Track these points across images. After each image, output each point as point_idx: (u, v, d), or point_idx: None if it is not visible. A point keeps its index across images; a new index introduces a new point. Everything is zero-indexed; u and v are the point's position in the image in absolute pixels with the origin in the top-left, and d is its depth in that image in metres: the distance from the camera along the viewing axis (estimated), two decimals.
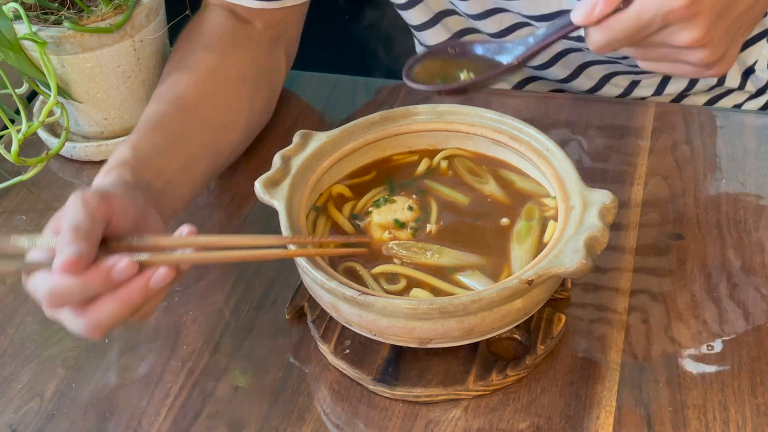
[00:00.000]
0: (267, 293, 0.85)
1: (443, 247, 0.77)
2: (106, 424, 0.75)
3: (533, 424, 0.73)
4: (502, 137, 0.82)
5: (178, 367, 0.79)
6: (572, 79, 1.10)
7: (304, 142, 0.82)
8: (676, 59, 0.69)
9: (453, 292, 0.73)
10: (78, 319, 0.64)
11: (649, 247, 0.86)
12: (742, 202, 0.90)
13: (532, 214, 0.79)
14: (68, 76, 0.96)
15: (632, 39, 0.67)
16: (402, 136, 0.85)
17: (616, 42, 0.67)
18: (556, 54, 1.08)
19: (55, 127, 1.04)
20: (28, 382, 0.79)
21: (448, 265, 0.75)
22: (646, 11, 0.65)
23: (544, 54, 1.03)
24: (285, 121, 1.04)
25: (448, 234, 0.78)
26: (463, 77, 0.73)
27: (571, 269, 0.68)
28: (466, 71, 0.73)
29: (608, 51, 0.68)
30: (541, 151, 0.80)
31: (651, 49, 0.69)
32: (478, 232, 0.78)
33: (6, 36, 0.92)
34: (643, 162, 0.94)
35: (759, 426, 0.71)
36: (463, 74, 0.73)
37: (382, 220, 0.79)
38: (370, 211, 0.80)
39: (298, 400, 0.76)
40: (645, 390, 0.74)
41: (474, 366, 0.75)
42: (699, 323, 0.79)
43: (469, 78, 0.73)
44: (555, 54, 1.08)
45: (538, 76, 1.13)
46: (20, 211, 0.96)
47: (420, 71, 0.75)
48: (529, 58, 0.71)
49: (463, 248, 0.77)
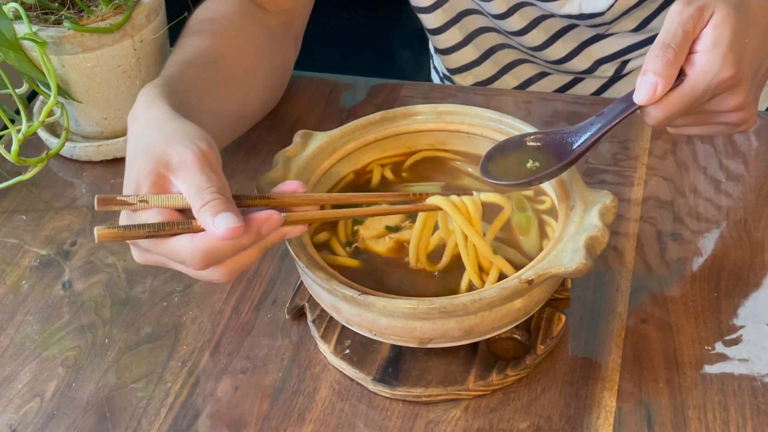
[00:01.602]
0: (267, 293, 0.85)
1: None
2: (106, 424, 0.75)
3: (533, 424, 0.73)
4: (502, 137, 0.82)
5: (178, 367, 0.79)
6: (567, 60, 1.11)
7: (304, 142, 0.82)
8: (714, 122, 0.76)
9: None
10: (217, 270, 0.67)
11: (649, 246, 0.86)
12: (742, 202, 0.90)
13: (523, 204, 0.79)
14: (68, 76, 0.96)
15: (687, 111, 0.73)
16: (402, 136, 0.85)
17: (673, 116, 0.72)
18: (554, 33, 1.09)
19: (55, 127, 1.04)
20: (28, 382, 0.79)
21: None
22: (700, 85, 0.71)
23: (538, 33, 1.06)
24: (285, 121, 1.04)
25: None
26: (529, 166, 0.76)
27: (571, 269, 0.68)
28: (531, 161, 0.76)
29: (665, 125, 0.74)
30: None
31: (693, 116, 0.75)
32: None
33: (6, 36, 0.92)
34: (643, 162, 0.94)
35: (759, 426, 0.71)
36: (529, 164, 0.76)
37: (374, 232, 0.79)
38: (357, 230, 0.79)
39: (298, 400, 0.76)
40: (645, 390, 0.74)
41: (474, 366, 0.75)
42: (699, 323, 0.79)
43: (534, 167, 0.75)
44: (553, 33, 1.09)
45: (531, 59, 1.14)
46: (20, 211, 0.96)
47: (492, 165, 0.77)
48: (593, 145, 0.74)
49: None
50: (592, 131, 0.74)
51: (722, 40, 0.71)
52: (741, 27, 0.72)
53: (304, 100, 1.07)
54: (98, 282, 0.87)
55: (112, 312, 0.85)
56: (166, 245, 0.66)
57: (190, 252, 0.65)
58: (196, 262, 0.65)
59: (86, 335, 0.83)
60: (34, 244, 0.92)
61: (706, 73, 0.71)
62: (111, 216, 0.94)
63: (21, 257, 0.91)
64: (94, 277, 0.88)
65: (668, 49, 0.70)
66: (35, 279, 0.89)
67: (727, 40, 0.71)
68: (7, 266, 0.90)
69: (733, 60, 0.71)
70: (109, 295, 0.86)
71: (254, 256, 0.68)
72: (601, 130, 0.73)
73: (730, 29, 0.71)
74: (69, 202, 0.97)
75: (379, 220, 0.79)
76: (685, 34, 0.71)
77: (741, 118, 0.75)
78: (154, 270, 0.88)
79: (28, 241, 0.93)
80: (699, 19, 0.71)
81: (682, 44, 0.71)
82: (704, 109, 0.74)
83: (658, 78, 0.70)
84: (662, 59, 0.70)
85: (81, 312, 0.85)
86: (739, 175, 0.93)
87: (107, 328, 0.83)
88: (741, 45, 0.72)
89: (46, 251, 0.91)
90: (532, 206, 0.79)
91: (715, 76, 0.71)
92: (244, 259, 0.67)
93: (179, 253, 0.65)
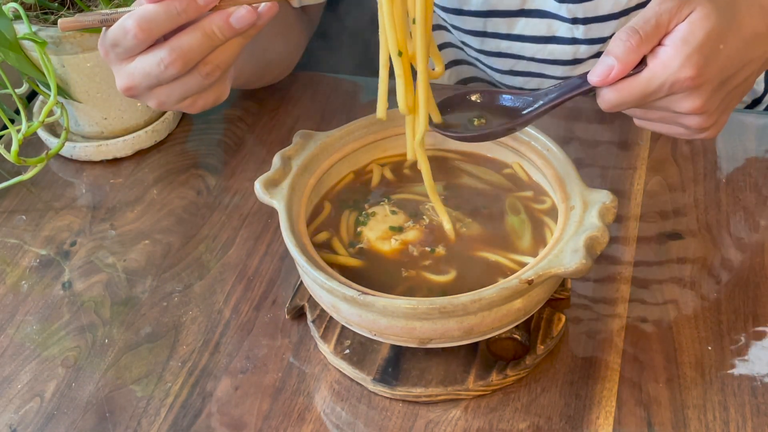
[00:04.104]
0: (267, 293, 0.85)
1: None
2: (106, 424, 0.75)
3: (533, 424, 0.73)
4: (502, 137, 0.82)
5: (178, 367, 0.79)
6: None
7: (304, 142, 0.82)
8: (673, 122, 0.75)
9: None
10: (165, 52, 0.70)
11: (648, 247, 0.86)
12: (742, 202, 0.90)
13: (516, 207, 0.79)
14: (68, 76, 0.96)
15: (640, 102, 0.71)
16: (402, 136, 0.85)
17: (625, 104, 0.72)
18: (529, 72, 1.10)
19: (55, 127, 1.04)
20: (28, 382, 0.79)
21: None
22: (656, 78, 0.70)
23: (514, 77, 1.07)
24: (285, 121, 1.04)
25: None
26: (476, 123, 0.77)
27: (571, 269, 0.68)
28: (478, 118, 0.77)
29: (616, 110, 0.73)
30: (541, 151, 0.80)
31: (652, 110, 0.74)
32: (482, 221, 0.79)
33: (6, 36, 0.92)
34: (643, 162, 0.94)
35: (759, 426, 0.71)
36: (476, 121, 0.77)
37: (378, 233, 0.79)
38: (360, 232, 0.79)
39: (298, 400, 0.76)
40: (645, 390, 0.74)
41: (474, 366, 0.75)
42: (699, 323, 0.79)
43: (481, 124, 0.76)
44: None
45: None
46: (20, 211, 0.96)
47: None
48: (542, 114, 0.74)
49: (487, 240, 0.77)
50: (545, 101, 0.74)
51: (693, 39, 0.69)
52: (718, 31, 0.69)
53: (304, 100, 1.07)
54: (98, 282, 0.87)
55: (112, 312, 0.85)
56: (112, 28, 0.70)
57: (130, 22, 0.68)
58: (134, 28, 0.68)
59: (86, 335, 0.83)
60: (34, 244, 0.92)
61: (665, 67, 0.69)
62: (110, 216, 0.94)
63: (21, 257, 0.91)
64: (94, 277, 0.88)
65: (634, 35, 0.69)
66: (35, 279, 0.89)
67: (698, 40, 0.69)
68: (7, 266, 0.90)
69: (697, 62, 0.69)
70: (109, 295, 0.86)
71: (199, 40, 0.70)
72: (552, 101, 0.74)
73: (704, 30, 0.69)
74: (69, 202, 0.97)
75: (383, 221, 0.79)
76: (657, 25, 0.69)
77: (699, 124, 0.73)
78: (154, 270, 0.88)
79: (28, 241, 0.93)
80: (677, 13, 0.69)
81: (651, 34, 0.69)
82: (660, 105, 0.72)
83: (616, 61, 0.69)
84: (625, 44, 0.69)
85: (81, 312, 0.85)
86: (740, 175, 0.93)
87: (107, 328, 0.83)
88: (712, 49, 0.69)
89: (46, 251, 0.91)
90: (525, 209, 0.79)
91: (674, 73, 0.69)
92: (188, 40, 0.69)
93: (123, 28, 0.69)
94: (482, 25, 1.05)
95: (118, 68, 0.74)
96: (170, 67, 0.70)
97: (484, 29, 1.05)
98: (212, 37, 0.70)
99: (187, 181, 0.98)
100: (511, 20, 1.03)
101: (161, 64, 0.70)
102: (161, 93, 0.74)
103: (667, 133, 0.77)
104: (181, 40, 0.70)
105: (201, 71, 0.72)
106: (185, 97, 0.74)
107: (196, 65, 0.72)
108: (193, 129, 1.05)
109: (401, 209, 0.80)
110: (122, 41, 0.71)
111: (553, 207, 0.79)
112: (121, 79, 0.74)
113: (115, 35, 0.71)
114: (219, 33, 0.70)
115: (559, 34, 1.03)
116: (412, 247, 0.77)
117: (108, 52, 0.73)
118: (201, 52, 0.71)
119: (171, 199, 0.96)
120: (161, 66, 0.70)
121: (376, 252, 0.78)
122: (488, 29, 1.05)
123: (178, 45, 0.70)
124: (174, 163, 1.00)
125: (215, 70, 0.72)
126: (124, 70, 0.73)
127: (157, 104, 0.75)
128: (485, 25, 1.04)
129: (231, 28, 0.70)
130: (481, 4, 1.02)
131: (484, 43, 1.06)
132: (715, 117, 0.74)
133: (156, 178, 0.99)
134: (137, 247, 0.91)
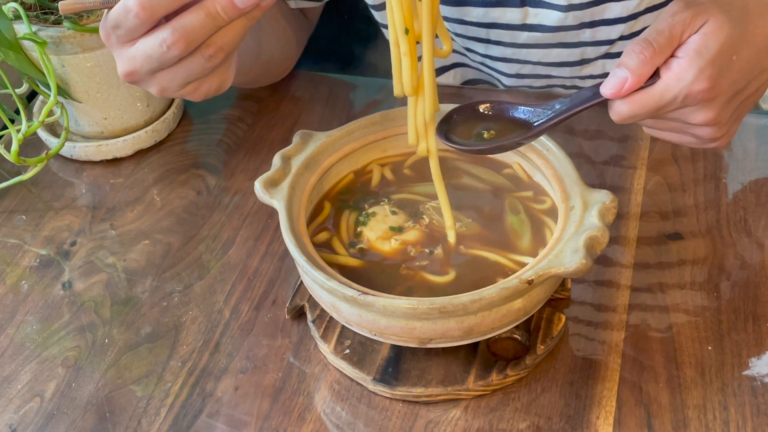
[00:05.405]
0: (267, 293, 0.85)
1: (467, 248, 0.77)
2: (106, 424, 0.75)
3: (533, 424, 0.73)
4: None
5: (178, 367, 0.79)
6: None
7: (304, 142, 0.82)
8: (684, 132, 0.74)
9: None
10: (168, 32, 0.68)
11: (648, 247, 0.86)
12: (742, 202, 0.90)
13: (516, 207, 0.79)
14: (68, 76, 0.96)
15: (653, 114, 0.71)
16: (402, 136, 0.85)
17: (638, 116, 0.71)
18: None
19: (55, 127, 1.04)
20: (28, 382, 0.79)
21: None
22: (670, 91, 0.69)
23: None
24: (285, 121, 1.04)
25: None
26: (486, 136, 0.76)
27: (571, 269, 0.68)
28: (488, 130, 0.76)
29: (629, 122, 0.72)
30: (541, 151, 0.80)
31: (664, 121, 0.74)
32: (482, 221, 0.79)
33: (6, 36, 0.92)
34: (643, 162, 0.94)
35: (759, 426, 0.71)
36: (486, 133, 0.76)
37: (378, 233, 0.79)
38: (360, 231, 0.79)
39: (298, 400, 0.76)
40: (645, 390, 0.74)
41: (474, 366, 0.75)
42: (699, 323, 0.79)
43: (491, 137, 0.75)
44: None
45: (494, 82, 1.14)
46: (20, 211, 0.96)
47: (448, 128, 0.77)
48: (553, 126, 0.73)
49: (487, 240, 0.77)
50: (555, 113, 0.73)
51: (706, 52, 0.68)
52: (731, 42, 0.69)
53: (304, 100, 1.07)
54: (98, 282, 0.88)
55: (112, 312, 0.85)
56: (114, 9, 0.69)
57: (132, 2, 0.67)
58: (136, 6, 0.67)
59: (86, 335, 0.83)
60: (34, 244, 0.92)
61: (679, 80, 0.69)
62: (110, 216, 0.94)
63: (21, 257, 0.91)
64: (94, 277, 0.88)
65: (648, 47, 0.69)
66: (35, 279, 0.89)
67: (712, 52, 0.68)
68: (7, 266, 0.90)
69: (711, 75, 0.68)
70: (109, 295, 0.86)
71: (205, 23, 0.68)
72: (563, 113, 0.73)
73: (718, 42, 0.68)
74: (69, 202, 0.97)
75: (383, 221, 0.79)
76: (670, 36, 0.69)
77: (711, 135, 0.73)
78: (154, 270, 0.88)
79: (28, 241, 0.93)
80: (690, 25, 0.69)
81: (665, 45, 0.69)
82: (673, 116, 0.72)
83: (629, 74, 0.69)
84: (639, 56, 0.69)
85: (81, 312, 0.85)
86: (740, 175, 0.93)
87: (107, 328, 0.83)
88: (725, 61, 0.69)
89: (46, 251, 0.91)
90: (525, 209, 0.79)
91: (688, 86, 0.68)
92: (191, 19, 0.68)
93: (125, 7, 0.67)
94: (485, 34, 1.04)
95: (120, 52, 0.72)
96: (173, 48, 0.69)
97: (488, 38, 1.04)
98: (216, 18, 0.68)
99: (187, 181, 0.98)
100: (514, 32, 1.03)
101: (163, 44, 0.69)
102: (163, 78, 0.72)
103: (678, 142, 0.77)
104: (183, 20, 0.68)
105: (204, 53, 0.70)
106: (188, 81, 0.73)
107: (198, 47, 0.70)
108: (193, 129, 1.05)
109: (401, 209, 0.81)
110: (124, 22, 0.69)
111: (553, 207, 0.79)
112: (123, 63, 0.72)
113: (116, 16, 0.69)
114: (223, 13, 0.68)
115: (565, 40, 1.03)
116: (411, 248, 0.77)
117: (109, 35, 0.71)
118: (204, 32, 0.69)
119: (171, 199, 0.96)
120: (163, 47, 0.69)
121: (376, 252, 0.78)
122: (491, 38, 1.04)
123: (180, 25, 0.68)
124: (174, 163, 1.00)
125: (218, 53, 0.71)
126: (126, 54, 0.71)
127: (159, 90, 0.73)
128: (488, 34, 1.04)
129: (235, 8, 0.68)
130: (482, 17, 1.01)
131: (488, 49, 1.06)
132: (727, 127, 0.74)
133: (156, 178, 0.99)
134: (137, 247, 0.91)
